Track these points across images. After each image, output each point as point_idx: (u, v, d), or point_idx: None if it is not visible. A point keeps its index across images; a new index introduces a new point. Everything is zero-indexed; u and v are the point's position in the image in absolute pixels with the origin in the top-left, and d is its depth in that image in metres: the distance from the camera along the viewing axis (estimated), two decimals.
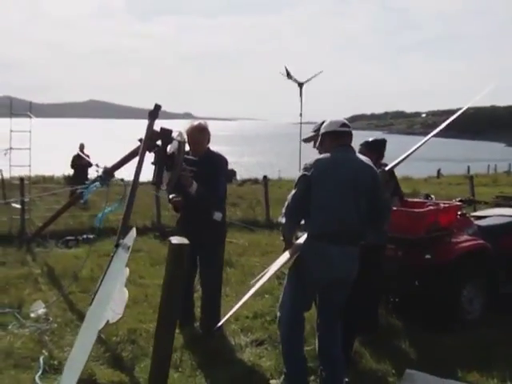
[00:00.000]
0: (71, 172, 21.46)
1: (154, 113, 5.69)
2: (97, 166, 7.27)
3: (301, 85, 62.07)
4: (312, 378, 5.44)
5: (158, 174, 5.60)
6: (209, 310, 6.42)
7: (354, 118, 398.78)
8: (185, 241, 3.74)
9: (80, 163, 20.04)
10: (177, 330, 6.35)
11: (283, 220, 5.18)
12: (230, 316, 5.35)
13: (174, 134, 5.80)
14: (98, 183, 7.12)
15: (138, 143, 6.16)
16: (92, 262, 9.92)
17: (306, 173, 5.08)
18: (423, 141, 6.93)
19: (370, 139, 6.52)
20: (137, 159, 6.14)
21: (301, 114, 59.05)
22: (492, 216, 8.18)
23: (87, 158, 20.02)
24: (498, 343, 6.28)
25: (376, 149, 6.38)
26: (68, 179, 23.05)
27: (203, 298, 6.62)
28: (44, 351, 5.80)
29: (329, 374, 5.20)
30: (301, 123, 56.83)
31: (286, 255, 5.22)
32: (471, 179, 18.06)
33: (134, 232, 4.42)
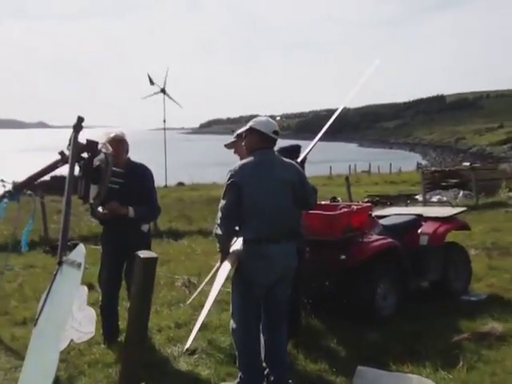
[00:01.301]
0: None
1: (78, 125, 5.52)
2: (2, 181, 6.98)
3: (163, 90, 62.30)
4: None
5: (85, 187, 5.46)
6: None
7: (211, 123, 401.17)
8: (153, 254, 3.71)
9: None
10: (102, 346, 6.31)
11: (218, 231, 5.23)
12: (194, 337, 5.30)
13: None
14: (6, 199, 6.80)
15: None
16: None
17: (233, 179, 5.16)
18: (314, 142, 7.14)
19: (286, 145, 6.64)
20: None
21: (164, 120, 59.32)
22: (391, 215, 8.56)
23: None
24: (419, 334, 6.60)
25: (292, 153, 6.50)
26: None
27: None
28: None
29: (276, 377, 5.29)
30: (164, 129, 56.91)
31: (225, 266, 5.27)
32: (347, 180, 18.67)
33: (82, 248, 4.29)
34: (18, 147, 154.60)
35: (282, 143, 6.52)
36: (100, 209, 6.23)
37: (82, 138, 5.37)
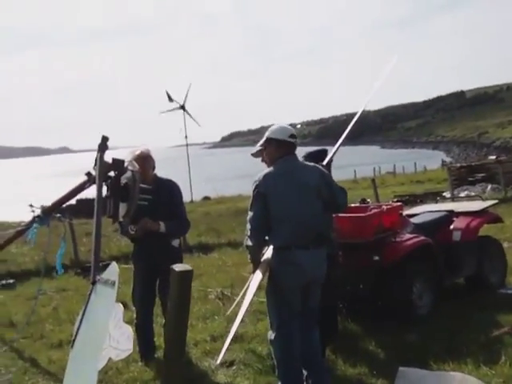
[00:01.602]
0: None
1: (103, 145, 5.55)
2: (31, 206, 7.02)
3: (182, 107, 62.48)
4: None
5: (114, 206, 5.47)
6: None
7: (232, 136, 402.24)
8: (188, 267, 3.69)
9: None
10: (139, 363, 6.30)
11: (249, 242, 5.23)
12: (226, 349, 5.31)
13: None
14: (36, 224, 6.84)
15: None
16: (21, 307, 9.64)
17: (258, 190, 5.18)
18: (337, 145, 7.11)
19: (312, 150, 6.60)
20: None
21: (186, 136, 59.48)
22: (422, 213, 8.47)
23: None
24: (458, 331, 6.50)
25: (318, 158, 6.47)
26: None
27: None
28: None
29: (315, 380, 5.25)
30: (187, 145, 57.08)
31: (257, 275, 5.26)
32: (373, 181, 18.59)
33: (115, 266, 4.28)
34: (44, 174, 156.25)
35: (306, 150, 6.50)
36: (131, 227, 6.23)
37: (107, 159, 5.40)
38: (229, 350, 6.57)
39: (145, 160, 6.33)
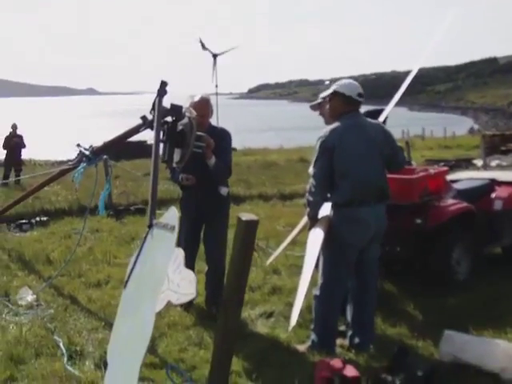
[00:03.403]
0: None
1: (162, 90, 5.56)
2: (78, 145, 7.03)
3: (215, 56, 62.19)
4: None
5: (169, 151, 5.50)
6: (216, 285, 6.39)
7: (259, 88, 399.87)
8: (254, 217, 3.72)
9: (12, 144, 19.50)
10: (179, 308, 6.39)
11: (311, 198, 5.25)
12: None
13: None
14: (84, 164, 6.87)
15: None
16: (57, 245, 9.76)
17: (325, 145, 5.16)
18: (391, 105, 7.10)
19: (371, 109, 6.59)
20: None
21: (216, 86, 59.32)
22: (464, 179, 8.44)
23: (16, 140, 19.46)
24: (496, 299, 6.54)
25: (376, 117, 6.46)
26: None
27: (209, 274, 6.60)
28: (56, 337, 5.68)
29: (361, 341, 5.33)
30: (216, 94, 56.99)
31: (318, 233, 5.26)
32: (407, 144, 18.43)
33: (175, 211, 4.32)
34: (79, 113, 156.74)
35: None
36: (183, 176, 6.27)
37: (127, 103, 5.38)
38: (267, 302, 6.71)
39: (207, 104, 6.41)
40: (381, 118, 6.45)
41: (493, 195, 7.97)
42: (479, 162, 21.58)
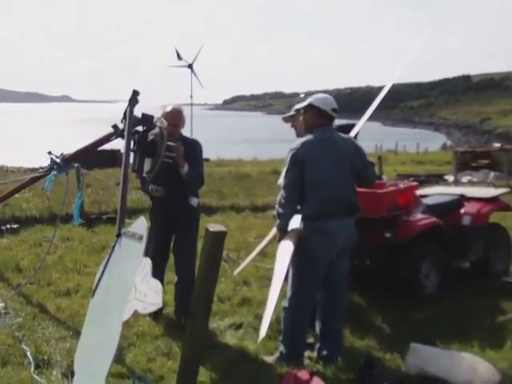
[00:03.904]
0: None
1: (133, 99, 5.59)
2: (49, 153, 7.00)
3: (190, 65, 62.21)
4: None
5: (139, 161, 5.51)
6: (185, 295, 6.39)
7: (234, 99, 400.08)
8: (222, 228, 3.74)
9: None
10: (148, 318, 6.38)
11: (281, 209, 5.27)
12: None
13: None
14: (55, 172, 6.83)
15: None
16: (27, 253, 9.69)
17: (296, 157, 5.20)
18: (362, 121, 7.18)
19: (342, 123, 6.63)
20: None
21: (191, 96, 59.30)
22: (434, 195, 8.52)
23: None
24: (464, 314, 6.60)
25: (347, 132, 6.51)
26: None
27: (178, 284, 6.60)
28: (24, 346, 5.63)
29: (329, 353, 5.35)
30: (191, 104, 56.87)
31: (287, 245, 5.26)
32: (379, 158, 18.52)
33: (143, 220, 4.32)
34: (54, 120, 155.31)
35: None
36: (153, 187, 6.27)
37: (100, 112, 5.41)
38: (236, 313, 6.72)
39: (179, 115, 6.42)
40: (352, 133, 6.51)
41: (462, 211, 8.07)
42: (450, 178, 21.81)
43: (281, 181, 5.47)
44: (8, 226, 11.83)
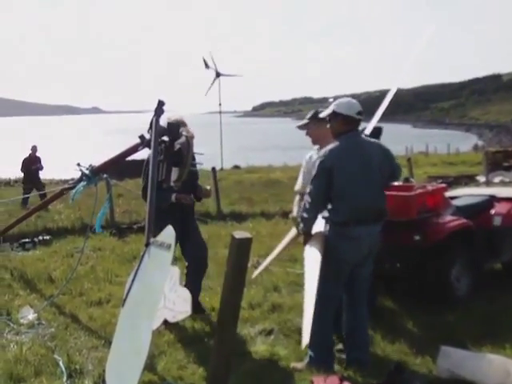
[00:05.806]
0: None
1: (159, 109, 5.65)
2: (78, 165, 7.10)
3: (219, 75, 62.60)
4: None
5: (166, 170, 5.57)
6: (194, 287, 6.47)
7: (263, 106, 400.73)
8: (248, 235, 3.76)
9: (31, 166, 19.34)
10: (178, 325, 6.40)
11: (305, 215, 5.27)
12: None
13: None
14: (84, 183, 6.94)
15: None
16: (59, 263, 9.81)
17: (324, 165, 5.18)
18: (371, 125, 7.14)
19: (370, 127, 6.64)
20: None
21: (220, 104, 59.62)
22: (463, 196, 8.46)
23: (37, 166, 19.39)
24: (496, 316, 6.53)
25: (373, 135, 6.50)
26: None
27: (192, 269, 6.82)
28: (56, 356, 5.70)
29: (357, 356, 5.34)
30: (220, 112, 57.22)
31: (314, 250, 5.28)
32: (409, 161, 18.51)
33: (171, 230, 4.37)
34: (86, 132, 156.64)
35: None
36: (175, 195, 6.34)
37: (127, 122, 5.47)
38: (267, 319, 6.72)
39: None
40: (366, 132, 6.49)
41: (492, 211, 7.98)
42: (482, 179, 21.62)
43: (297, 187, 5.48)
44: (40, 237, 12.02)
